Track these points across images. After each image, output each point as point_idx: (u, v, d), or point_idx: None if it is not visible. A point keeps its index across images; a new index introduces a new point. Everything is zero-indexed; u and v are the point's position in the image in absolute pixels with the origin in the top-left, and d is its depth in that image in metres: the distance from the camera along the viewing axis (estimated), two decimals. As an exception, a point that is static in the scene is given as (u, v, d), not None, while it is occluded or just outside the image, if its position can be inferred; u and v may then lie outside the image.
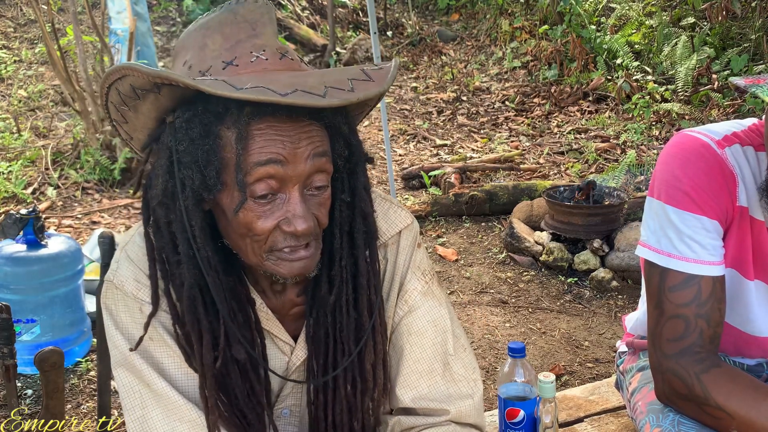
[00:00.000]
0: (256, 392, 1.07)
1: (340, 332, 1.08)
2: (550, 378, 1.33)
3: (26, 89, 6.71)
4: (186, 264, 0.98)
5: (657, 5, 7.78)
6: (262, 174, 0.93)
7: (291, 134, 0.94)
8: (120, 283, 1.06)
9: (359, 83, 0.94)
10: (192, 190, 0.95)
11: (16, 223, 3.00)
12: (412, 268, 1.17)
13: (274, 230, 0.97)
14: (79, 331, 3.14)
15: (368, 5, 4.22)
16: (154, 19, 8.01)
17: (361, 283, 1.07)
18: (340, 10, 9.21)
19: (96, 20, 5.23)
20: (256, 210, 0.96)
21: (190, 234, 0.97)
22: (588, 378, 3.04)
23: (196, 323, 1.00)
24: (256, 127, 0.93)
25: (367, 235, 1.07)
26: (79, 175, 5.29)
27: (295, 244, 0.98)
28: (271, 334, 1.13)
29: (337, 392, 1.11)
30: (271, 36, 1.01)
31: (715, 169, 1.21)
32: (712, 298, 1.21)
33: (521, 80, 7.85)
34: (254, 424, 1.08)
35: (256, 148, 0.93)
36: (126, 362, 1.05)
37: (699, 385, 1.18)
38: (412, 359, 1.15)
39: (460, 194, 4.90)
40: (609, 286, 3.88)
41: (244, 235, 0.98)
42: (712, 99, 6.40)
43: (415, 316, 1.16)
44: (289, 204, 0.96)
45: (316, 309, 1.09)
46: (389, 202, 1.19)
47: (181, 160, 0.95)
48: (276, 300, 1.12)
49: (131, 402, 1.05)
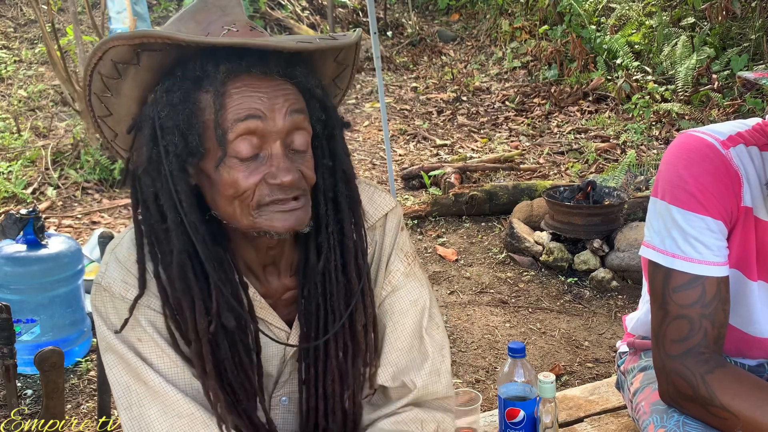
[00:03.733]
0: (245, 365, 1.07)
1: (330, 298, 1.10)
2: (550, 378, 1.33)
3: (26, 89, 6.71)
4: (174, 231, 0.99)
5: (657, 5, 7.78)
6: (243, 130, 0.96)
7: (267, 90, 0.97)
8: (108, 284, 1.06)
9: (323, 40, 1.00)
10: (176, 156, 0.97)
11: (16, 223, 3.00)
12: (396, 250, 1.20)
13: (260, 184, 0.98)
14: (79, 331, 3.14)
15: (368, 5, 4.22)
16: (154, 19, 8.01)
17: (347, 246, 1.09)
18: (340, 10, 9.21)
19: (96, 20, 5.22)
20: (241, 168, 0.97)
21: (176, 199, 0.98)
22: (588, 378, 3.04)
23: (187, 290, 1.01)
24: (233, 86, 0.96)
25: (351, 199, 1.09)
26: (79, 175, 5.29)
27: (283, 196, 0.99)
28: (266, 322, 1.13)
29: (328, 362, 1.12)
30: (240, 14, 1.06)
31: (720, 170, 1.21)
32: (717, 298, 1.21)
33: (521, 80, 7.85)
34: (245, 403, 1.07)
35: (234, 105, 0.96)
36: (121, 362, 1.05)
37: (704, 385, 1.17)
38: (393, 337, 1.18)
39: (460, 194, 4.90)
40: (609, 286, 3.88)
41: (231, 197, 0.99)
42: (712, 99, 6.40)
43: (397, 296, 1.19)
44: (272, 159, 0.98)
45: (307, 285, 1.11)
46: (373, 187, 1.22)
47: (163, 126, 0.97)
48: (268, 285, 1.13)
49: (127, 401, 1.05)
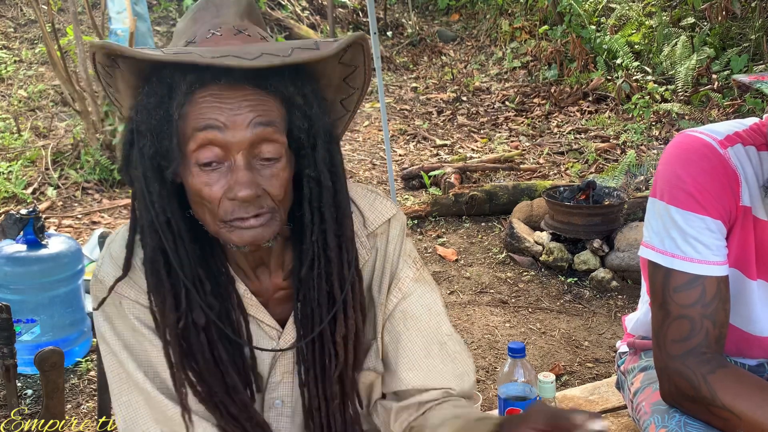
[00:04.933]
0: (224, 361, 1.08)
1: (317, 303, 1.10)
2: (550, 378, 1.33)
3: (26, 89, 6.71)
4: (147, 229, 1.02)
5: (657, 5, 7.78)
6: (202, 140, 0.96)
7: (231, 101, 0.96)
8: (102, 278, 1.11)
9: (301, 51, 0.97)
10: (149, 158, 0.99)
11: (16, 223, 3.00)
12: (403, 256, 1.20)
13: (223, 200, 0.99)
14: (79, 331, 3.14)
15: (368, 5, 4.22)
16: (154, 19, 8.01)
17: (330, 257, 1.08)
18: (340, 11, 9.21)
19: (96, 20, 5.22)
20: (203, 177, 0.98)
21: (148, 200, 1.00)
22: (588, 378, 3.04)
23: (158, 285, 1.03)
24: (200, 96, 0.96)
25: (337, 210, 1.08)
26: (79, 175, 5.29)
27: (245, 215, 0.99)
28: (257, 320, 1.14)
29: (324, 366, 1.13)
30: (231, 15, 1.06)
31: (718, 169, 1.21)
32: (717, 298, 1.21)
33: (521, 80, 7.85)
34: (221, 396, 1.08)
35: (195, 115, 0.96)
36: (110, 351, 1.11)
37: (706, 386, 1.17)
38: (411, 342, 1.18)
39: (460, 194, 4.90)
40: (609, 286, 3.88)
41: (199, 203, 1.01)
42: (711, 99, 6.40)
43: (409, 301, 1.19)
44: (232, 172, 0.98)
45: (302, 291, 1.11)
46: (374, 193, 1.22)
47: (138, 130, 0.99)
48: (258, 284, 1.14)
49: (118, 388, 1.11)
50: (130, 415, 1.10)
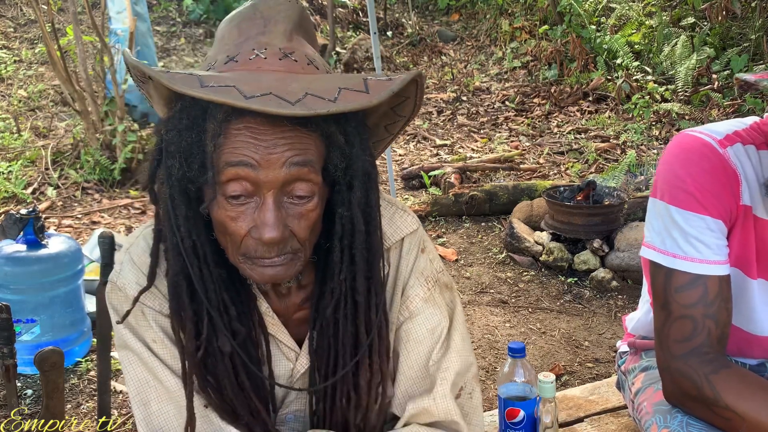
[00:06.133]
0: (246, 388, 1.06)
1: (339, 344, 1.07)
2: (550, 378, 1.33)
3: (26, 89, 6.71)
4: (172, 251, 0.98)
5: (657, 5, 7.78)
6: (233, 175, 0.92)
7: (267, 138, 0.91)
8: (122, 285, 1.07)
9: (350, 93, 0.90)
10: (177, 180, 0.95)
11: (16, 223, 3.00)
12: (415, 274, 1.15)
13: (247, 237, 0.96)
14: (79, 331, 3.14)
15: (368, 5, 4.22)
16: (154, 19, 8.01)
17: (358, 301, 1.04)
18: (340, 10, 9.21)
19: (96, 20, 5.22)
20: (230, 210, 0.95)
21: (174, 224, 0.97)
22: (588, 378, 3.04)
23: (179, 310, 1.00)
24: (235, 127, 0.91)
25: (369, 252, 1.03)
26: (79, 175, 5.29)
27: (267, 255, 0.96)
28: (276, 339, 1.12)
29: (334, 404, 1.11)
30: (278, 35, 0.99)
31: (718, 169, 1.21)
32: (719, 297, 1.20)
33: (521, 80, 7.85)
34: (247, 419, 1.07)
35: (229, 148, 0.91)
36: (137, 359, 1.07)
37: (709, 386, 1.17)
38: (407, 366, 1.15)
39: (460, 194, 4.90)
40: (609, 286, 3.88)
41: (223, 233, 0.98)
42: (712, 99, 6.40)
43: (415, 322, 1.15)
44: (260, 210, 0.94)
45: (319, 321, 1.08)
46: (395, 206, 1.17)
47: (167, 149, 0.95)
48: (280, 303, 1.12)
49: (144, 397, 1.07)
50: (161, 425, 1.05)
